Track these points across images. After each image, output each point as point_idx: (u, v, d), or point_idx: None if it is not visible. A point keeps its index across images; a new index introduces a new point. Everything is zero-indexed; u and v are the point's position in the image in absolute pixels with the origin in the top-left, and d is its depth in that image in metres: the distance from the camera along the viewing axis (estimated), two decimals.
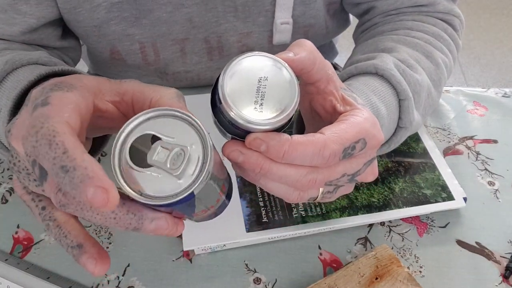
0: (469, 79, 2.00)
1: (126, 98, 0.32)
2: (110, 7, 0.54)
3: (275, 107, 0.31)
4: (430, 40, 0.54)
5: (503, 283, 0.47)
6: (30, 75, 0.39)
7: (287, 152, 0.32)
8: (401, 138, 0.48)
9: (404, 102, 0.45)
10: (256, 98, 0.31)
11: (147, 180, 0.27)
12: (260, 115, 0.31)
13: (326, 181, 0.35)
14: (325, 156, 0.32)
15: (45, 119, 0.26)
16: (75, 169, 0.24)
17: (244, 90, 0.31)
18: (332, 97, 0.37)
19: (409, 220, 0.52)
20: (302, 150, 0.32)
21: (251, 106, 0.31)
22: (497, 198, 0.54)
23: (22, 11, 0.51)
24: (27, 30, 0.52)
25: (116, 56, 0.60)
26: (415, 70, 0.48)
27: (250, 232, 0.48)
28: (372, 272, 0.45)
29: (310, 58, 0.34)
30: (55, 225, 0.31)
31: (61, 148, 0.25)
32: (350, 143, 0.33)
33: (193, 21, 0.57)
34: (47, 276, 0.46)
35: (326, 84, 0.37)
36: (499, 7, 2.33)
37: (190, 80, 0.64)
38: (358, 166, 0.36)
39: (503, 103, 0.65)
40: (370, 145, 0.35)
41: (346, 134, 0.33)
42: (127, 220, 0.28)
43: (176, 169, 0.27)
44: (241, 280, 0.47)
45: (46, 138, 0.25)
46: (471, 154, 0.58)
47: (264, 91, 0.31)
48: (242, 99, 0.31)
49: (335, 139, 0.33)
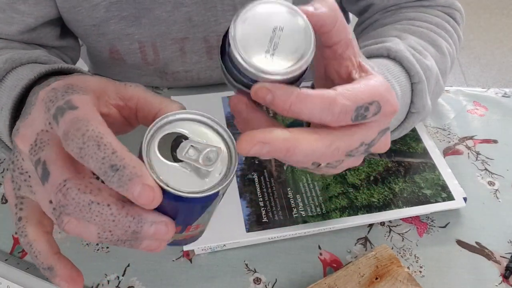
0: (469, 79, 2.00)
1: (130, 104, 0.33)
2: (109, 6, 0.54)
3: (287, 58, 0.29)
4: (434, 29, 0.53)
5: (503, 283, 0.47)
6: (30, 73, 0.39)
7: (294, 103, 0.29)
8: (412, 123, 0.47)
9: (418, 85, 0.44)
10: (268, 47, 0.29)
11: (173, 173, 0.28)
12: (270, 64, 0.29)
13: (347, 151, 0.33)
14: (335, 112, 0.30)
15: (87, 122, 0.27)
16: (125, 168, 0.26)
17: (257, 37, 0.29)
18: (349, 62, 0.34)
19: (409, 220, 0.52)
20: (310, 103, 0.30)
21: (261, 54, 0.29)
22: (497, 198, 0.54)
23: (20, 10, 0.51)
24: (26, 29, 0.53)
25: (116, 55, 0.60)
26: (424, 56, 0.48)
27: (250, 232, 0.48)
28: (372, 272, 0.45)
29: (331, 16, 0.32)
30: (25, 242, 0.31)
31: (110, 148, 0.27)
32: (363, 103, 0.31)
33: (193, 20, 0.57)
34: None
35: (344, 49, 0.34)
36: (499, 7, 2.33)
37: (190, 80, 0.64)
38: (373, 134, 0.34)
39: (503, 103, 0.65)
40: (385, 111, 0.33)
41: (360, 93, 0.31)
42: (126, 223, 0.28)
43: (210, 166, 0.28)
44: (241, 280, 0.47)
45: (93, 140, 0.27)
46: (471, 154, 0.58)
47: (278, 42, 0.30)
48: (253, 45, 0.29)
49: (347, 95, 0.30)
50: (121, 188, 0.26)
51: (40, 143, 0.30)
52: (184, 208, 0.29)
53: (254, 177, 0.53)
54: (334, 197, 0.51)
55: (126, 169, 0.26)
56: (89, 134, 0.27)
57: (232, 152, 0.30)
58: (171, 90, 0.65)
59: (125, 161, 0.26)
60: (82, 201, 0.27)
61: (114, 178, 0.26)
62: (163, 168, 0.28)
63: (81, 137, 0.27)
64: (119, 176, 0.26)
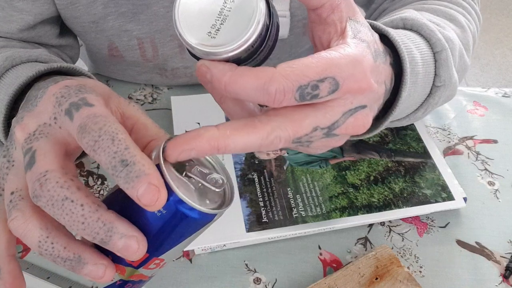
0: (469, 79, 2.00)
1: (127, 123, 0.33)
2: (107, 2, 0.54)
3: (231, 35, 0.27)
4: (450, 6, 0.50)
5: (503, 283, 0.47)
6: (29, 71, 0.40)
7: (228, 83, 0.28)
8: (439, 99, 0.42)
9: (441, 54, 0.40)
10: (215, 22, 0.27)
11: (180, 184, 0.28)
12: (211, 41, 0.27)
13: (294, 139, 0.29)
14: (270, 92, 0.27)
15: (104, 118, 0.28)
16: (135, 164, 0.26)
17: (204, 11, 0.27)
18: (332, 28, 0.31)
19: (409, 220, 0.52)
20: (244, 82, 0.27)
21: (205, 29, 0.27)
22: (497, 198, 0.54)
23: (18, 8, 0.51)
24: (24, 27, 0.53)
25: (115, 52, 0.60)
26: (443, 28, 0.43)
27: (250, 232, 0.48)
28: (372, 272, 0.45)
29: None
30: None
31: (123, 144, 0.27)
32: (308, 80, 0.27)
33: None
34: (47, 276, 0.46)
35: (329, 13, 0.31)
36: (499, 7, 2.33)
37: (190, 76, 0.64)
38: (333, 116, 0.30)
39: (503, 103, 0.65)
40: (346, 88, 0.29)
41: (306, 69, 0.27)
42: (95, 227, 0.27)
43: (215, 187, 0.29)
44: (241, 280, 0.47)
45: (109, 134, 0.27)
46: (471, 154, 0.58)
47: (227, 15, 0.27)
48: (198, 20, 0.27)
49: (287, 74, 0.27)
50: (127, 185, 0.26)
51: (38, 134, 0.30)
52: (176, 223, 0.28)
53: (254, 177, 0.53)
54: (334, 197, 0.51)
55: (136, 166, 0.26)
56: (106, 128, 0.27)
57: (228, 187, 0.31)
58: (171, 89, 0.65)
59: (136, 158, 0.26)
60: (57, 195, 0.27)
61: (122, 173, 0.26)
62: (172, 175, 0.28)
63: (98, 131, 0.27)
64: (127, 172, 0.26)
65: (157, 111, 0.62)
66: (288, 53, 0.66)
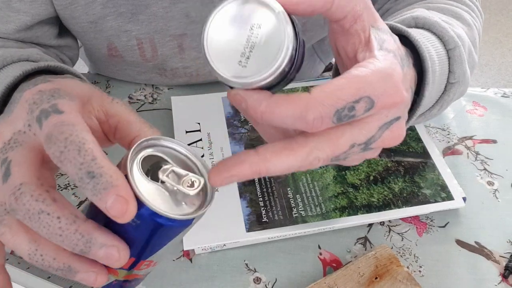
0: None
1: (111, 121, 0.32)
2: (105, 2, 0.54)
3: (262, 63, 0.27)
4: (455, 4, 0.51)
5: (502, 282, 0.47)
6: (16, 71, 0.39)
7: (264, 113, 0.27)
8: (454, 95, 0.42)
9: (455, 51, 0.40)
10: (244, 50, 0.27)
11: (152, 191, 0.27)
12: (243, 71, 0.27)
13: (332, 158, 0.29)
14: (308, 120, 0.27)
15: (72, 126, 0.27)
16: (102, 176, 0.25)
17: (231, 40, 0.27)
18: (356, 39, 0.30)
19: (408, 220, 0.52)
20: (280, 112, 0.27)
21: (235, 59, 0.27)
22: (496, 198, 0.54)
23: (16, 8, 0.51)
24: (22, 27, 0.53)
25: (114, 52, 0.60)
26: (451, 25, 0.44)
27: (250, 232, 0.48)
28: (372, 271, 0.45)
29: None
30: None
31: (90, 155, 0.26)
32: (345, 104, 0.27)
33: (190, 16, 0.57)
34: (48, 275, 0.46)
35: (352, 23, 0.30)
36: (499, 7, 2.34)
37: (189, 76, 0.64)
38: (370, 131, 0.29)
39: (502, 103, 0.65)
40: (381, 104, 0.28)
41: (340, 92, 0.27)
42: (73, 239, 0.26)
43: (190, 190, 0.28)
44: (241, 280, 0.47)
45: (75, 144, 0.26)
46: (471, 154, 0.58)
47: (255, 42, 0.27)
48: (226, 51, 0.27)
49: (323, 99, 0.27)
50: (95, 197, 0.25)
51: (13, 143, 0.29)
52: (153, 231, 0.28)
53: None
54: (333, 197, 0.51)
55: (103, 177, 0.25)
56: (72, 138, 0.26)
57: (208, 186, 0.30)
58: (171, 89, 0.65)
59: (103, 169, 0.26)
60: (32, 209, 0.26)
61: (89, 185, 0.25)
62: (143, 184, 0.27)
63: (64, 141, 0.26)
64: (94, 184, 0.25)
65: (157, 111, 0.62)
66: None
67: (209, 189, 0.30)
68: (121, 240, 0.27)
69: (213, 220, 0.49)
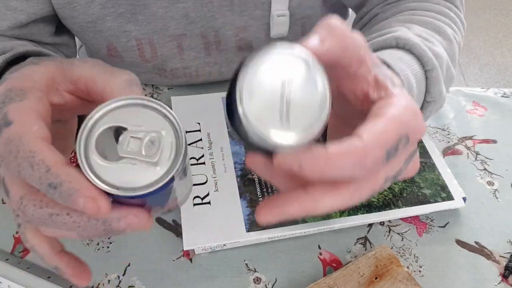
0: (468, 79, 2.00)
1: (80, 86, 0.31)
2: (105, 2, 0.54)
3: (304, 116, 0.26)
4: (438, 17, 0.52)
5: (502, 282, 0.47)
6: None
7: (323, 170, 0.26)
8: (429, 113, 0.44)
9: (432, 73, 0.42)
10: (281, 108, 0.26)
11: (120, 172, 0.26)
12: (288, 132, 0.26)
13: (368, 194, 0.30)
14: (367, 166, 0.27)
15: (19, 140, 0.26)
16: (62, 185, 0.25)
17: (267, 101, 0.26)
18: (364, 82, 0.31)
19: (408, 220, 0.52)
20: (341, 164, 0.26)
21: (276, 120, 0.26)
22: (496, 198, 0.54)
23: (12, 7, 0.51)
24: (16, 25, 0.53)
25: (113, 53, 0.60)
26: (432, 43, 0.46)
27: (250, 232, 0.48)
28: (372, 271, 0.45)
29: (341, 46, 0.28)
30: (29, 247, 0.31)
31: (43, 167, 0.26)
32: (392, 144, 0.28)
33: (189, 16, 0.57)
34: (48, 275, 0.46)
35: (357, 68, 0.30)
36: (499, 7, 2.34)
37: (189, 76, 0.64)
38: (398, 165, 0.30)
39: (502, 103, 0.65)
40: (414, 139, 0.29)
41: (386, 134, 0.27)
42: (91, 226, 0.27)
43: (153, 156, 0.26)
44: (241, 280, 0.47)
45: (26, 160, 0.26)
46: (471, 154, 0.58)
47: (290, 98, 0.26)
48: (265, 114, 0.26)
49: (376, 143, 0.27)
50: (67, 203, 0.26)
51: None
52: (146, 200, 0.27)
53: (254, 177, 0.53)
54: None
55: (64, 186, 0.25)
56: (20, 155, 0.26)
57: (178, 131, 0.27)
58: (171, 89, 0.65)
59: (61, 178, 0.25)
60: (41, 216, 0.27)
61: (56, 195, 0.26)
62: (105, 169, 0.26)
63: (14, 160, 0.26)
64: (59, 193, 0.25)
65: None
66: None
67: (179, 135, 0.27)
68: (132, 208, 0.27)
69: (213, 220, 0.49)
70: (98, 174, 0.26)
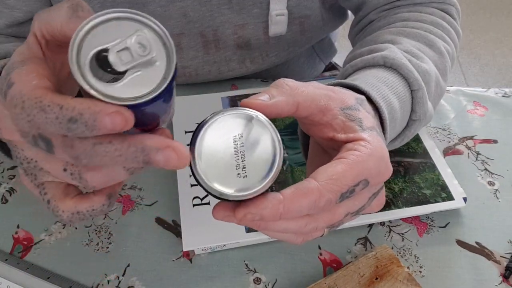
0: (469, 79, 2.00)
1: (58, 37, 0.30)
2: (103, 1, 0.54)
3: (260, 166, 0.29)
4: (430, 29, 0.53)
5: (503, 283, 0.47)
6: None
7: (283, 213, 0.30)
8: (415, 131, 0.46)
9: (418, 93, 0.43)
10: (237, 162, 0.29)
11: (129, 86, 0.26)
12: (246, 181, 0.29)
13: (328, 225, 0.33)
14: (320, 206, 0.30)
15: (20, 94, 0.26)
16: (82, 114, 0.25)
17: (222, 159, 0.29)
18: (329, 129, 0.34)
19: (409, 220, 0.52)
20: (298, 206, 0.30)
21: (233, 173, 0.29)
22: (497, 198, 0.54)
23: (10, 5, 0.51)
24: (13, 23, 0.53)
25: None
26: (421, 60, 0.47)
27: (250, 232, 0.48)
28: (372, 272, 0.45)
29: (289, 102, 0.32)
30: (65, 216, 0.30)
31: (55, 106, 0.25)
32: (348, 188, 0.31)
33: (188, 15, 0.57)
34: (47, 276, 0.46)
35: (320, 116, 0.33)
36: (499, 7, 2.34)
37: (188, 76, 0.64)
38: (361, 203, 0.33)
39: (503, 103, 0.65)
40: (375, 182, 0.32)
41: (343, 179, 0.31)
42: (132, 154, 0.26)
43: (150, 52, 0.26)
44: (241, 280, 0.47)
45: (35, 107, 0.25)
46: (471, 154, 0.58)
47: (243, 150, 0.29)
48: (222, 170, 0.29)
49: (330, 187, 0.30)
50: (95, 132, 0.25)
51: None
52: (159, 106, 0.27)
53: None
54: None
55: (84, 114, 0.24)
56: (27, 104, 0.26)
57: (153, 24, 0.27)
58: None
59: (78, 109, 0.25)
60: (87, 147, 0.26)
61: (81, 128, 0.25)
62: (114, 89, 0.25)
63: (23, 112, 0.26)
64: (84, 125, 0.25)
65: None
66: (286, 51, 0.66)
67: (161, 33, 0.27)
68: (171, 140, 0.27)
69: (213, 221, 0.48)
70: (111, 95, 0.25)
